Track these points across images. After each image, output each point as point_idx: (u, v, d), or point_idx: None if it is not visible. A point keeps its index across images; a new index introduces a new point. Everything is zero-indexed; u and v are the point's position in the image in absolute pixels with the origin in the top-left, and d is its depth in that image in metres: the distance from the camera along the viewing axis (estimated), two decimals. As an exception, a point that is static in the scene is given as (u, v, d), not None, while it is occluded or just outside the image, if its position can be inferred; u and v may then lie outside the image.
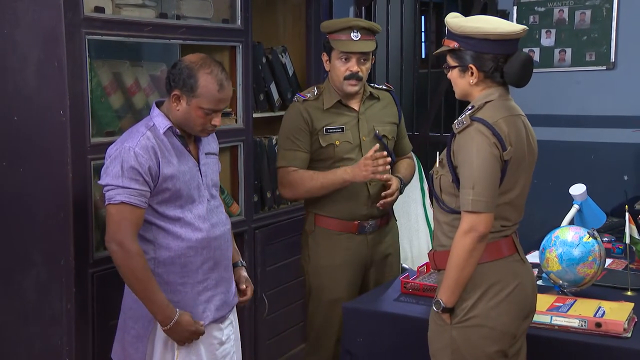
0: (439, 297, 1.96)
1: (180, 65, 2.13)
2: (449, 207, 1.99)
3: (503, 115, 1.95)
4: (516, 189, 1.98)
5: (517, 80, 1.98)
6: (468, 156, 1.91)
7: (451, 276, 1.92)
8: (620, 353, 2.04)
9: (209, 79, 2.10)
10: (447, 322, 1.97)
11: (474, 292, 1.94)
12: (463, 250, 1.89)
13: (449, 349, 1.96)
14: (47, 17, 2.32)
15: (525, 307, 2.00)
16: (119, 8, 2.55)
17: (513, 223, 2.01)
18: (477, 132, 1.91)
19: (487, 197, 1.88)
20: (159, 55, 2.80)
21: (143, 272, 2.07)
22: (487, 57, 1.96)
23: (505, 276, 1.96)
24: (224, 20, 2.96)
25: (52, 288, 2.40)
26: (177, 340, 2.14)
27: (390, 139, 2.75)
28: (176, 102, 2.13)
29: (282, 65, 3.38)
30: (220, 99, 2.12)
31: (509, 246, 1.99)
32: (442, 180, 2.01)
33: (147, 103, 2.68)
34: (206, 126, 2.16)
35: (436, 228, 2.06)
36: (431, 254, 2.07)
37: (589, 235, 2.33)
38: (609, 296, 2.36)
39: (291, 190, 2.69)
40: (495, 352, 1.95)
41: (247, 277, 2.41)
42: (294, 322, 3.49)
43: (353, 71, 2.63)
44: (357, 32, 2.62)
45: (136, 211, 2.07)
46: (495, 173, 1.90)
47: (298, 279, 3.47)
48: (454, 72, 2.03)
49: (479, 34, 1.95)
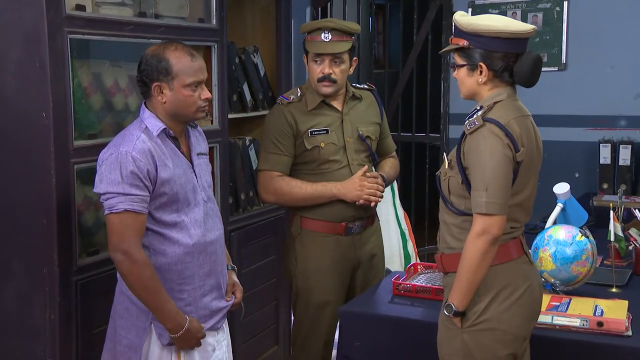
0: (450, 301, 1.93)
1: (146, 60, 2.10)
2: (458, 209, 1.97)
3: (514, 116, 1.94)
4: (526, 190, 1.97)
5: (527, 80, 1.96)
6: (481, 158, 1.89)
7: (463, 280, 1.90)
8: (623, 352, 2.06)
9: (178, 54, 2.08)
10: (458, 326, 1.94)
11: (485, 296, 1.92)
12: (476, 254, 1.86)
13: (461, 353, 1.94)
14: (27, 15, 2.21)
15: (534, 309, 2.00)
16: (97, 7, 2.46)
17: (522, 224, 2.01)
18: (489, 133, 1.89)
19: (501, 200, 1.86)
20: (137, 56, 2.72)
21: (152, 281, 2.02)
22: (497, 56, 1.94)
23: (516, 278, 1.95)
24: (199, 19, 2.91)
25: (34, 298, 2.29)
26: (184, 347, 2.09)
27: (373, 139, 2.76)
28: (160, 94, 2.08)
29: (254, 65, 3.35)
30: (197, 68, 2.10)
31: (517, 248, 1.98)
32: (450, 181, 1.99)
33: (127, 104, 2.61)
34: (199, 104, 2.11)
35: (443, 230, 2.04)
36: (439, 257, 2.04)
37: (581, 234, 2.37)
38: (595, 293, 2.41)
39: (275, 197, 2.66)
40: (507, 355, 1.94)
41: (236, 281, 2.37)
42: (267, 325, 3.47)
43: (325, 73, 2.63)
44: (328, 33, 2.62)
45: (139, 218, 2.01)
46: (508, 175, 1.89)
47: (270, 280, 3.46)
48: (461, 71, 2.01)
49: (490, 31, 1.92)
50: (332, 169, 2.66)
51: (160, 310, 2.05)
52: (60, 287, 2.27)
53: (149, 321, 2.10)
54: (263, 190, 2.70)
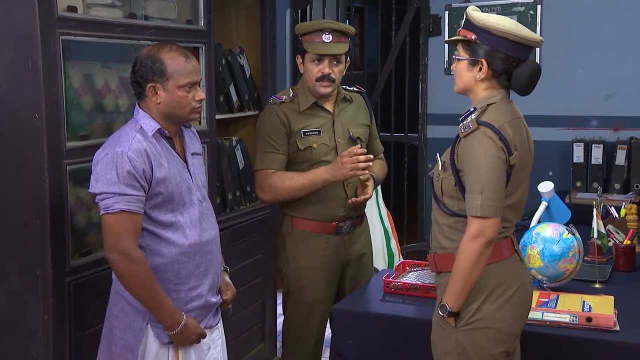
0: (444, 301, 1.94)
1: (140, 60, 2.10)
2: (451, 209, 1.99)
3: (507, 119, 1.96)
4: (519, 191, 1.99)
5: (523, 87, 1.98)
6: (475, 161, 1.90)
7: (458, 281, 1.91)
8: (611, 347, 2.10)
9: (172, 55, 2.09)
10: (452, 326, 1.96)
11: (479, 295, 1.94)
12: (471, 255, 1.88)
13: (455, 352, 1.96)
14: (19, 16, 2.21)
15: (526, 307, 2.03)
16: (88, 8, 2.46)
17: (513, 224, 2.04)
18: (484, 137, 1.91)
19: (496, 202, 1.88)
20: (126, 57, 2.72)
21: (149, 279, 2.03)
22: (500, 56, 1.95)
23: (508, 277, 1.97)
24: (187, 21, 2.92)
25: (27, 299, 2.29)
26: (183, 344, 2.11)
27: (363, 140, 2.79)
28: (154, 95, 2.09)
29: (240, 66, 3.37)
30: (191, 69, 2.10)
31: (508, 247, 2.01)
32: (443, 183, 2.00)
33: (117, 105, 2.61)
34: (193, 105, 2.12)
35: (435, 230, 2.06)
36: (431, 257, 2.05)
37: (568, 232, 2.43)
38: (579, 289, 2.46)
39: (271, 193, 2.68)
40: (500, 353, 1.96)
41: (229, 282, 2.37)
42: (253, 323, 3.50)
43: (325, 73, 2.66)
44: (329, 34, 2.65)
45: (135, 218, 2.02)
46: (502, 178, 1.90)
47: (257, 279, 3.49)
48: (461, 64, 2.01)
49: (500, 30, 1.93)
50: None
51: (159, 309, 2.05)
52: (53, 288, 2.27)
53: (145, 322, 2.10)
54: (260, 189, 2.70)
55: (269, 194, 2.69)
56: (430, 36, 4.90)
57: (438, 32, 4.87)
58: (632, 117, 4.45)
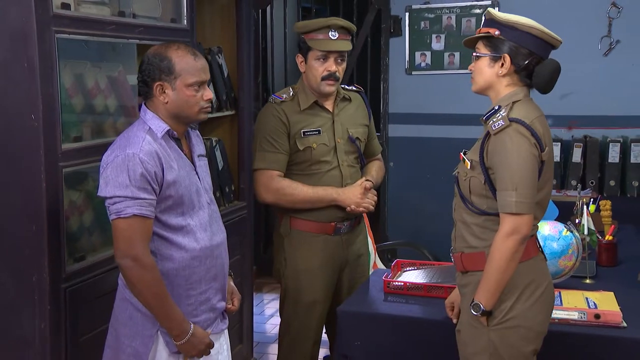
0: (477, 300, 1.92)
1: (147, 59, 2.06)
2: (479, 208, 1.97)
3: (536, 115, 1.95)
4: (546, 188, 1.99)
5: (544, 84, 1.97)
6: (508, 157, 1.88)
7: (492, 279, 1.89)
8: (620, 343, 2.11)
9: (180, 54, 2.05)
10: (485, 325, 1.94)
11: (512, 293, 1.93)
12: (505, 253, 1.87)
13: (487, 351, 1.95)
14: (13, 13, 2.12)
15: (552, 305, 2.04)
16: (78, 5, 2.39)
17: (538, 222, 2.03)
18: (516, 133, 1.89)
19: (530, 199, 1.87)
20: (115, 56, 2.66)
21: (160, 286, 1.97)
22: (524, 52, 1.95)
23: (538, 276, 1.98)
24: (171, 19, 2.87)
25: (23, 307, 2.20)
26: (191, 354, 2.06)
27: (362, 140, 2.79)
28: (162, 94, 2.04)
29: (219, 66, 3.33)
30: (199, 67, 2.06)
31: (534, 246, 2.01)
32: (472, 182, 1.98)
33: (106, 106, 2.55)
34: (201, 104, 2.08)
35: (462, 229, 2.04)
36: (458, 256, 2.03)
37: (566, 229, 2.48)
38: (572, 285, 2.49)
39: (276, 197, 2.64)
40: (531, 351, 1.97)
41: (235, 288, 2.34)
42: (232, 324, 3.43)
43: (331, 71, 2.63)
44: (335, 31, 2.63)
45: (147, 222, 1.96)
46: (535, 174, 1.90)
47: (235, 280, 3.44)
48: (481, 61, 2.01)
49: (524, 25, 1.94)
50: (322, 170, 2.68)
51: (167, 317, 2.00)
52: (50, 295, 2.20)
53: (155, 328, 2.04)
54: (264, 189, 2.66)
55: (272, 197, 2.65)
56: (391, 37, 4.97)
57: (399, 32, 4.94)
58: (585, 117, 4.64)
